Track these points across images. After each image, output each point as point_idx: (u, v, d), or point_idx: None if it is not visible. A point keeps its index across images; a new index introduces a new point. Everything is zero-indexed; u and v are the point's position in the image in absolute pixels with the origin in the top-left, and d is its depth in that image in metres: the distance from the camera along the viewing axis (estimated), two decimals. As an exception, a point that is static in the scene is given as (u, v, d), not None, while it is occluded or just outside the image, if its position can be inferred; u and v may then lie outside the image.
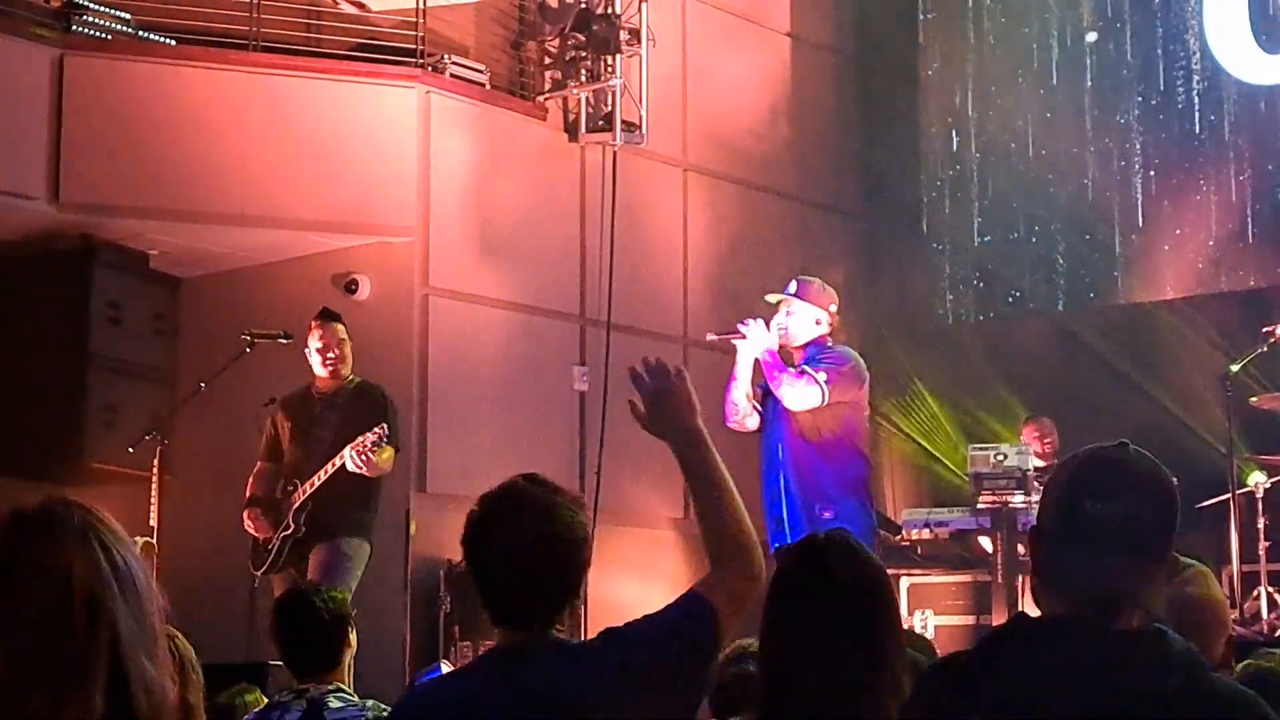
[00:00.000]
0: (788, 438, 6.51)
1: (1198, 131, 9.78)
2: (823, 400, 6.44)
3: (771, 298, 6.82)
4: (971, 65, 10.64)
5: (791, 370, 6.51)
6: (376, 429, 6.70)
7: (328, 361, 7.09)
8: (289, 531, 6.92)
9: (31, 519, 1.76)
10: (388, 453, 6.83)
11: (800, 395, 6.44)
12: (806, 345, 6.66)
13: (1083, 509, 2.24)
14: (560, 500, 2.82)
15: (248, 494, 7.08)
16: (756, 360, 6.58)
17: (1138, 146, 9.98)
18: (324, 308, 7.32)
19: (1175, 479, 2.32)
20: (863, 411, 6.68)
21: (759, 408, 6.63)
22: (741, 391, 6.60)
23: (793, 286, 6.81)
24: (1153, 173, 9.91)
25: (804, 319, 6.70)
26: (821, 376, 6.45)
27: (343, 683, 4.40)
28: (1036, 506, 8.01)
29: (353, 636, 4.48)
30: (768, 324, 6.63)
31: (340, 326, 7.16)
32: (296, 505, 6.92)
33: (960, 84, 10.70)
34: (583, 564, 2.81)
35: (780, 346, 6.61)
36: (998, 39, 10.58)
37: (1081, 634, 2.20)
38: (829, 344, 6.69)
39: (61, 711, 1.68)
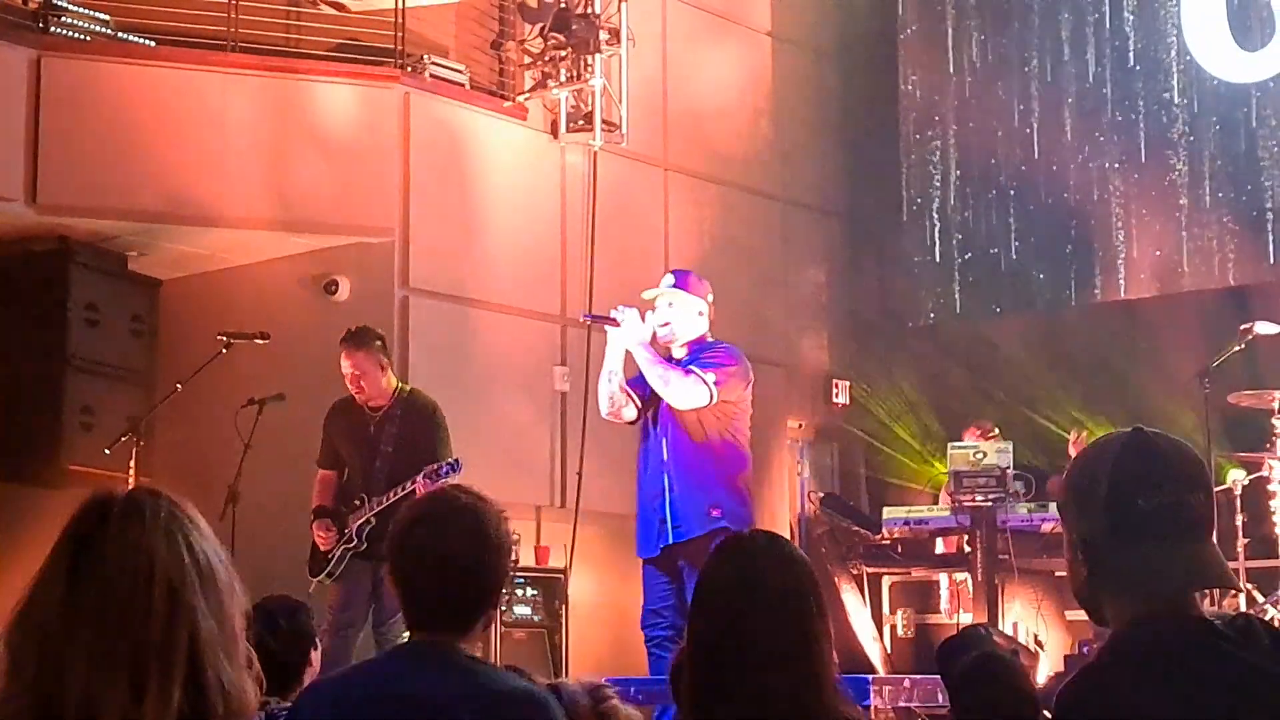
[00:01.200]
0: (674, 437, 6.23)
1: (1176, 129, 9.80)
2: (710, 400, 6.17)
3: (649, 293, 6.50)
4: (951, 71, 10.66)
5: (677, 368, 6.23)
6: (447, 463, 6.70)
7: (355, 389, 7.04)
8: (351, 545, 6.93)
9: (118, 506, 1.75)
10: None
11: (687, 394, 6.15)
12: (690, 341, 6.35)
13: (1135, 508, 2.19)
14: (489, 508, 2.84)
15: (314, 504, 7.09)
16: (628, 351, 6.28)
17: (1117, 144, 10.01)
18: (348, 330, 7.10)
19: None
20: (747, 410, 6.42)
21: (635, 400, 6.34)
22: (616, 383, 6.30)
23: (670, 279, 6.49)
24: (1132, 171, 9.94)
25: (686, 311, 6.38)
26: (710, 377, 6.17)
27: None
28: (1014, 506, 8.01)
29: (314, 656, 4.53)
30: (643, 316, 6.31)
31: (362, 354, 7.00)
32: (361, 521, 6.91)
33: (940, 89, 10.71)
34: (505, 572, 2.85)
35: (663, 342, 6.33)
36: (978, 46, 10.60)
37: (1207, 629, 2.17)
38: (711, 340, 6.41)
39: (142, 703, 1.66)
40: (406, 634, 7.05)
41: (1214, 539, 2.25)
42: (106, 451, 7.34)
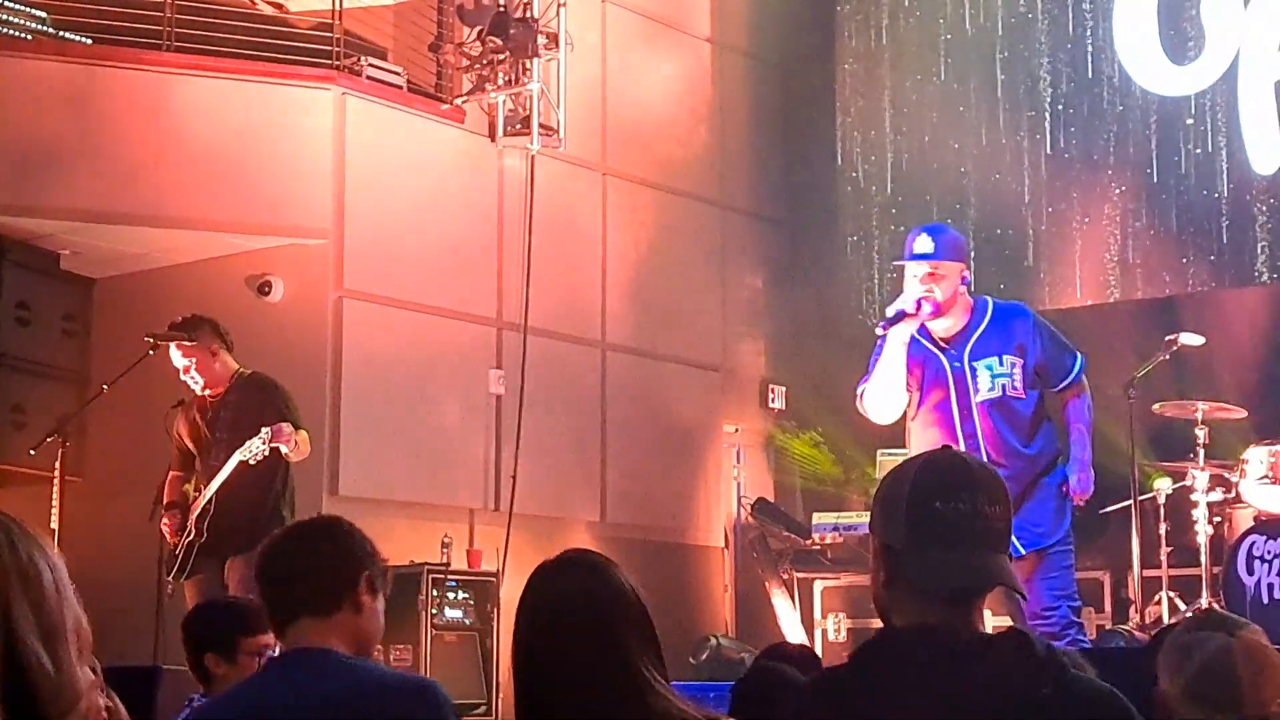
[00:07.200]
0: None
1: (1107, 141, 9.93)
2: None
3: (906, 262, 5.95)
4: (887, 82, 10.75)
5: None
6: (264, 431, 6.52)
7: (190, 380, 6.92)
8: (192, 538, 6.76)
9: None
10: (302, 434, 6.73)
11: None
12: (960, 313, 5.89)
13: (933, 511, 2.27)
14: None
15: (165, 501, 6.97)
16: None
17: (1048, 156, 10.12)
18: (173, 322, 6.99)
19: None
20: None
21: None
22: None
23: (928, 243, 5.88)
24: (1063, 183, 10.05)
25: (952, 282, 5.90)
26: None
27: None
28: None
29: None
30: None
31: (187, 343, 6.86)
32: (197, 511, 6.77)
33: (877, 99, 10.80)
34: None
35: (924, 319, 5.90)
36: (914, 57, 10.70)
37: (951, 641, 2.23)
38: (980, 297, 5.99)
39: None
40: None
41: (1005, 550, 2.33)
42: (31, 451, 7.25)
